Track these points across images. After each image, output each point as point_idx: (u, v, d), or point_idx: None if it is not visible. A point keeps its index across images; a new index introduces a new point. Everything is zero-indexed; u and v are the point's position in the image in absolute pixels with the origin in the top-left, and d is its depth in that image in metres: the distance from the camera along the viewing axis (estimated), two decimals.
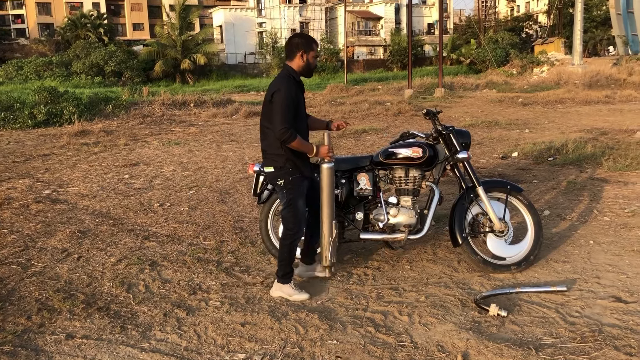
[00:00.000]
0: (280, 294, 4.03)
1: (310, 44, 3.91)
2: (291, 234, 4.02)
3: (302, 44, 3.89)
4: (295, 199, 3.96)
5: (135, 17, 70.26)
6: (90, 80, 38.55)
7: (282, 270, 4.03)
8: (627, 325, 3.43)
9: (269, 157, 3.98)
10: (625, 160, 8.09)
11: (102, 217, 6.33)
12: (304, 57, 3.90)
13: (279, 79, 3.87)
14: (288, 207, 3.98)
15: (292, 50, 3.90)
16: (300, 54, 3.89)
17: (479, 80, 29.93)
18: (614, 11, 44.17)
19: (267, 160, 4.01)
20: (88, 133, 13.79)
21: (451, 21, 68.06)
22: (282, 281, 4.03)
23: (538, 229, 4.40)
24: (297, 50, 3.88)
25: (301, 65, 3.92)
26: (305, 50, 3.89)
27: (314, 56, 3.95)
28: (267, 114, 3.89)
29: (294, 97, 3.80)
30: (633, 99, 18.86)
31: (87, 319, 3.75)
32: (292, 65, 3.93)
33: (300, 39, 3.96)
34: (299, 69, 3.93)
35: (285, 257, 4.04)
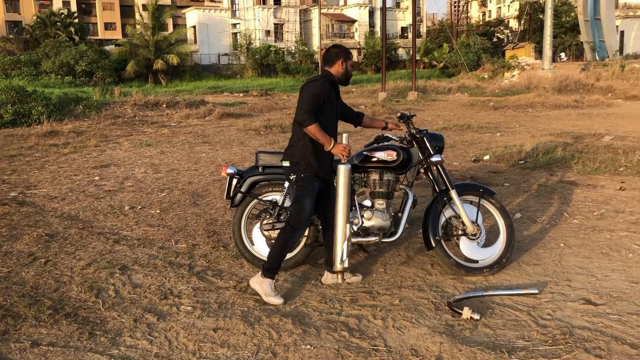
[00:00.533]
0: (258, 288, 4.01)
1: (348, 54, 4.15)
2: (290, 230, 4.02)
3: (342, 52, 4.12)
4: (303, 197, 3.99)
5: (107, 16, 69.24)
6: (60, 79, 37.84)
7: (269, 263, 4.03)
8: (596, 328, 3.48)
9: (289, 152, 4.10)
10: (594, 163, 8.24)
11: (71, 219, 6.19)
12: (344, 65, 4.12)
13: (315, 78, 4.04)
14: (295, 203, 4.03)
15: (332, 59, 4.11)
16: (341, 62, 4.10)
17: (451, 84, 30.25)
18: (582, 17, 45.20)
19: (286, 154, 4.12)
20: (57, 134, 13.50)
21: (424, 25, 68.71)
22: (265, 273, 4.01)
23: (510, 232, 4.44)
24: (337, 58, 4.10)
25: (340, 72, 4.12)
26: (344, 58, 4.11)
27: (351, 65, 4.17)
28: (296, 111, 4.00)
29: (326, 92, 3.95)
30: (600, 103, 19.26)
31: (54, 325, 3.65)
32: (331, 70, 4.13)
33: (340, 49, 4.17)
34: (338, 75, 4.14)
35: (277, 252, 4.03)
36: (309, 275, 4.49)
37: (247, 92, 31.07)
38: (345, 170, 3.95)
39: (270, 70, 49.60)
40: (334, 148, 3.95)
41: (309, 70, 49.46)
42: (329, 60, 4.11)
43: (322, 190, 4.12)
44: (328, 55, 4.13)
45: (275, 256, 4.04)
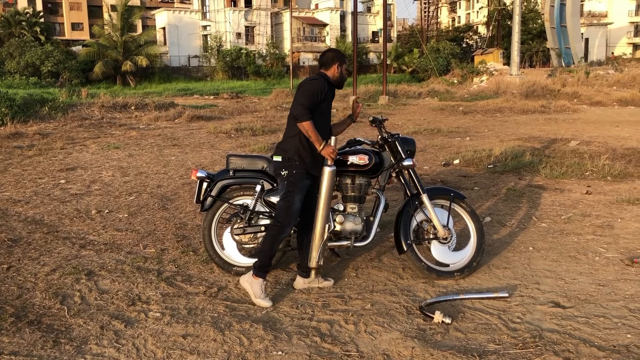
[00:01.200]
0: (248, 288, 3.99)
1: (344, 58, 4.17)
2: (279, 227, 4.00)
3: (338, 57, 4.15)
4: (293, 193, 3.98)
5: (74, 16, 67.94)
6: (25, 80, 37.01)
7: (260, 261, 4.00)
8: (565, 330, 3.52)
9: (281, 147, 4.08)
10: (561, 168, 8.39)
11: (35, 224, 6.02)
12: (339, 69, 4.14)
13: (312, 77, 4.08)
14: (285, 198, 4.00)
15: (328, 62, 4.13)
16: (337, 66, 4.12)
17: (421, 89, 30.54)
18: (549, 25, 46.20)
19: (278, 149, 4.10)
20: (22, 135, 13.17)
21: (395, 30, 69.28)
22: (257, 273, 3.98)
23: (480, 235, 4.48)
24: (333, 62, 4.12)
25: (336, 75, 4.14)
26: (340, 62, 4.13)
27: (346, 69, 4.21)
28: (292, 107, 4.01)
29: (325, 91, 3.98)
30: (567, 109, 19.66)
31: (17, 333, 3.53)
32: (327, 73, 4.13)
33: (337, 53, 4.20)
34: (334, 78, 4.14)
35: (267, 248, 4.01)
36: (280, 280, 4.45)
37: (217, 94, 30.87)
38: (330, 172, 3.95)
39: (241, 73, 49.37)
40: (323, 149, 3.95)
41: (280, 74, 49.43)
42: (326, 64, 4.13)
43: (309, 190, 4.09)
44: (324, 58, 4.15)
45: (265, 253, 4.01)
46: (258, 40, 58.49)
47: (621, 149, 10.17)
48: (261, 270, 4.00)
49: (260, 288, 3.98)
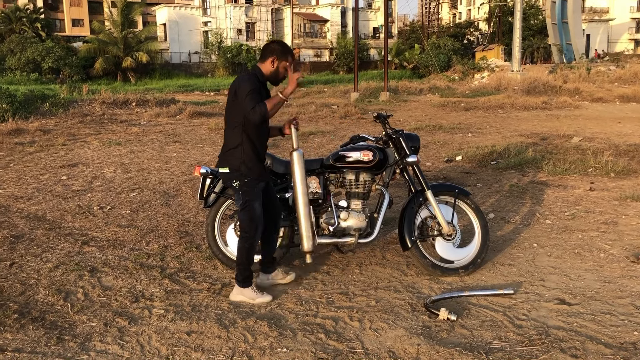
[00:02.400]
0: (242, 298, 3.94)
1: (285, 54, 3.88)
2: (247, 237, 3.92)
3: (277, 50, 3.88)
4: (251, 201, 3.88)
5: (74, 12, 67.76)
6: (26, 76, 37.00)
7: (242, 274, 3.94)
8: (571, 327, 3.50)
9: (225, 158, 3.91)
10: (564, 164, 8.36)
11: (37, 220, 6.01)
12: (275, 64, 3.88)
13: (241, 76, 3.84)
14: (244, 209, 3.90)
15: (265, 54, 3.89)
16: (272, 60, 3.87)
17: (422, 85, 30.48)
18: (550, 21, 46.06)
19: (222, 160, 3.93)
20: (23, 132, 13.15)
21: (396, 26, 69.14)
22: (243, 285, 3.94)
23: (485, 232, 4.45)
24: (270, 55, 3.87)
25: (270, 70, 3.89)
26: (277, 57, 3.87)
27: (284, 67, 3.89)
28: (229, 111, 3.86)
29: (258, 89, 3.77)
30: (568, 105, 19.62)
31: (20, 330, 3.52)
32: (261, 67, 3.90)
33: (278, 45, 3.94)
34: (268, 73, 3.90)
35: (244, 261, 3.94)
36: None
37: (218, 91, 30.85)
38: (298, 155, 3.95)
39: (242, 69, 49.28)
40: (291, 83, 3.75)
41: None
42: (262, 56, 3.90)
43: (264, 192, 4.01)
44: (264, 50, 3.92)
45: (245, 266, 3.95)
46: (259, 36, 58.40)
47: (624, 145, 10.14)
48: (245, 282, 3.96)
49: (252, 291, 3.95)
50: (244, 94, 3.69)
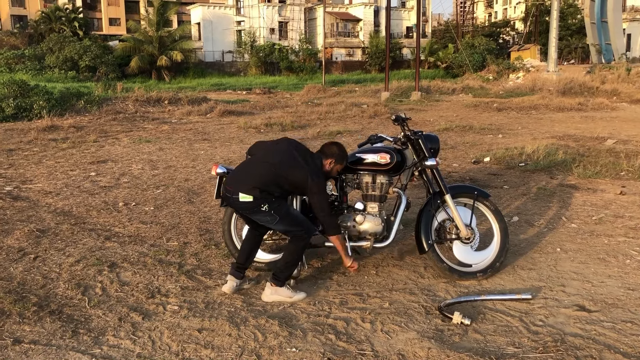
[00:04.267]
0: (278, 298, 3.93)
1: (342, 160, 4.07)
2: (304, 235, 3.94)
3: (336, 155, 4.05)
4: (287, 212, 3.91)
5: (111, 11, 69.19)
6: (64, 74, 37.94)
7: (285, 273, 3.95)
8: (589, 335, 3.40)
9: (251, 187, 3.84)
10: (595, 167, 8.15)
11: (63, 215, 6.14)
12: (331, 166, 4.04)
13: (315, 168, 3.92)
14: (283, 222, 3.90)
15: (328, 154, 4.05)
16: (330, 162, 4.03)
17: (455, 85, 30.11)
18: (589, 20, 44.98)
19: (247, 188, 3.85)
20: (57, 128, 13.47)
21: (429, 25, 68.51)
22: (281, 284, 3.95)
23: (504, 235, 4.37)
24: (330, 157, 4.03)
25: (326, 169, 4.04)
26: (336, 160, 4.04)
27: (337, 170, 4.10)
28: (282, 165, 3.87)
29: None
30: (605, 106, 19.13)
31: (38, 322, 3.60)
32: (323, 161, 4.04)
33: (339, 151, 4.07)
34: (324, 169, 4.03)
35: (293, 259, 3.97)
36: (299, 278, 4.41)
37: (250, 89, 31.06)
38: None
39: (274, 69, 49.59)
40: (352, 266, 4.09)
41: (312, 69, 49.42)
42: (326, 154, 4.04)
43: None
44: (329, 149, 4.06)
45: (293, 265, 3.99)
46: (291, 35, 58.59)
47: None
48: (284, 281, 3.97)
49: (287, 290, 3.96)
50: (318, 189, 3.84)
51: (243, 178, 3.92)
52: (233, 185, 3.93)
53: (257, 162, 3.99)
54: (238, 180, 3.93)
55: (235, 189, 3.89)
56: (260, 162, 3.97)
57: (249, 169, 3.97)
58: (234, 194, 3.89)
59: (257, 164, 3.97)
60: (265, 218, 3.90)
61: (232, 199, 3.92)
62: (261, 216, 3.90)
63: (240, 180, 3.92)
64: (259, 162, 3.98)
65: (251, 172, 3.94)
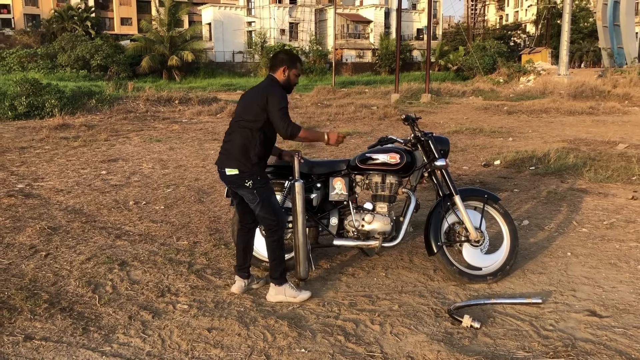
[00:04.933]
0: (282, 298, 3.94)
1: (294, 62, 3.99)
2: (275, 229, 3.93)
3: (286, 60, 3.98)
4: (268, 197, 3.90)
5: (123, 11, 69.63)
6: (76, 73, 38.16)
7: (277, 270, 3.96)
8: (600, 341, 3.38)
9: (233, 159, 3.88)
10: (607, 171, 8.10)
11: (75, 213, 6.18)
12: (286, 73, 3.97)
13: (268, 84, 3.91)
14: (263, 206, 3.89)
15: (275, 64, 3.99)
16: (283, 70, 3.96)
17: (465, 87, 30.01)
18: (601, 23, 44.64)
19: (230, 161, 3.88)
20: (69, 127, 13.57)
21: (440, 27, 68.37)
22: (280, 282, 3.95)
23: (514, 238, 4.35)
24: (280, 65, 3.96)
25: (283, 79, 3.97)
26: (288, 66, 3.96)
27: (295, 74, 4.00)
28: (246, 111, 3.88)
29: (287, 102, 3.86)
30: (616, 110, 18.99)
31: (49, 319, 3.62)
32: (275, 76, 3.99)
33: (285, 55, 4.03)
34: (281, 82, 3.98)
35: (277, 256, 3.96)
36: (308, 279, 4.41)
37: None
38: (299, 185, 3.95)
39: None
40: (329, 140, 3.95)
41: (322, 70, 49.44)
42: (273, 66, 3.99)
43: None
44: (273, 60, 4.02)
45: (278, 260, 3.97)
46: (302, 36, 58.66)
47: None
48: (282, 278, 3.97)
49: (291, 289, 3.96)
50: (278, 106, 3.76)
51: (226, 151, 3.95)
52: (220, 160, 3.98)
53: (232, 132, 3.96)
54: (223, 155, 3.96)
55: (221, 164, 3.95)
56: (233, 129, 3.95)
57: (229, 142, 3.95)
58: (221, 168, 3.95)
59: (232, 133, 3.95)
60: (248, 196, 3.92)
61: (220, 173, 3.98)
62: (245, 192, 3.92)
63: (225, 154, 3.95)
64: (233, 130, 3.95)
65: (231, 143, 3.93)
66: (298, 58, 4.05)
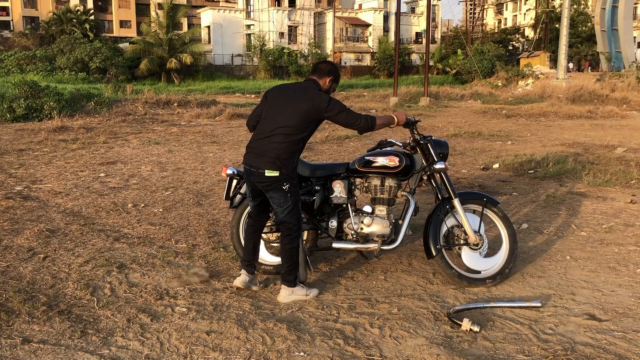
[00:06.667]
0: (295, 298, 3.98)
1: (339, 79, 4.14)
2: (295, 235, 3.95)
3: (334, 72, 4.09)
4: (297, 202, 3.95)
5: (122, 14, 69.69)
6: (74, 75, 38.14)
7: (292, 273, 3.98)
8: (600, 345, 3.38)
9: (276, 162, 3.82)
10: (605, 175, 8.10)
11: (73, 215, 6.16)
12: (330, 84, 4.08)
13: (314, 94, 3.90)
14: (291, 211, 3.90)
15: (324, 72, 4.07)
16: (329, 80, 4.06)
17: (464, 91, 30.08)
18: (599, 28, 44.82)
19: (272, 163, 3.82)
20: (67, 129, 13.56)
21: (439, 31, 68.47)
22: (294, 284, 3.98)
23: (513, 241, 4.35)
24: (328, 75, 4.06)
25: (325, 88, 4.06)
26: (334, 78, 4.08)
27: (334, 89, 4.16)
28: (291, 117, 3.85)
29: None
30: (615, 114, 19.04)
31: (47, 322, 3.61)
32: (319, 81, 4.04)
33: (335, 68, 4.13)
34: (322, 89, 4.04)
35: (296, 259, 3.99)
36: (307, 280, 4.41)
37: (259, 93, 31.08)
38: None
39: (283, 72, 49.65)
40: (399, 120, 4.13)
41: None
42: (321, 72, 4.04)
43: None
44: (322, 67, 4.07)
45: (295, 264, 3.99)
46: (301, 39, 58.70)
47: None
48: (295, 281, 4.00)
49: (301, 288, 4.01)
50: (337, 109, 3.84)
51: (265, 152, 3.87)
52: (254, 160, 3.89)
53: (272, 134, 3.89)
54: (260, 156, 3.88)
55: (258, 164, 3.86)
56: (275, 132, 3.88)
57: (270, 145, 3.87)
58: (259, 169, 3.86)
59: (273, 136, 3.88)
60: (280, 199, 3.88)
61: (251, 172, 3.91)
62: (278, 194, 3.88)
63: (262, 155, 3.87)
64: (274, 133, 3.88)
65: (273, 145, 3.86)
66: (340, 74, 4.19)
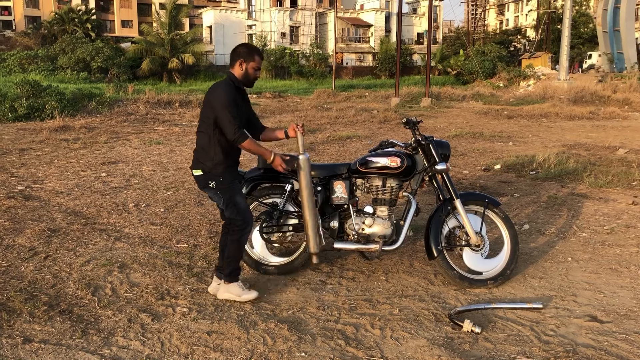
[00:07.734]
0: (228, 296, 3.96)
1: (252, 55, 3.91)
2: (240, 229, 3.92)
3: (243, 53, 3.91)
4: (233, 196, 3.90)
5: (124, 14, 69.72)
6: (76, 75, 38.09)
7: (231, 267, 3.96)
8: (601, 346, 3.37)
9: (197, 160, 3.91)
10: (607, 176, 8.09)
11: (74, 215, 6.17)
12: (243, 66, 3.91)
13: (217, 84, 3.90)
14: (229, 206, 3.90)
15: (233, 58, 3.95)
16: (239, 63, 3.90)
17: (465, 92, 30.03)
18: (601, 29, 44.83)
19: (195, 162, 3.93)
20: (69, 129, 13.57)
21: (440, 32, 68.46)
22: (230, 279, 3.95)
23: (514, 242, 4.34)
24: (237, 58, 3.91)
25: (240, 73, 3.92)
26: (245, 59, 3.90)
27: (254, 67, 3.92)
28: (203, 113, 3.88)
29: (234, 98, 3.80)
30: (616, 115, 19.01)
31: (48, 322, 3.61)
32: (233, 72, 3.95)
33: (243, 48, 3.96)
34: (239, 77, 3.93)
35: (234, 254, 3.95)
36: (308, 281, 4.41)
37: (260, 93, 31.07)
38: (304, 160, 3.91)
39: (284, 73, 49.65)
40: (274, 161, 3.92)
41: (323, 74, 49.51)
42: (231, 60, 3.94)
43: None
44: (231, 54, 3.96)
45: (233, 259, 3.96)
46: (302, 40, 58.70)
47: None
48: (232, 276, 3.97)
49: (239, 287, 3.97)
50: (220, 105, 3.73)
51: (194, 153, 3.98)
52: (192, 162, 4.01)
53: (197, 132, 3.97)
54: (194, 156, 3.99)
55: (191, 166, 3.99)
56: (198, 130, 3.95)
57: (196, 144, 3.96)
58: (191, 170, 3.99)
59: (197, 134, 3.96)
60: (214, 197, 3.97)
61: (193, 176, 4.00)
62: (210, 193, 3.96)
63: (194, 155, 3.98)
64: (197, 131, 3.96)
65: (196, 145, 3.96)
66: (257, 50, 3.98)
